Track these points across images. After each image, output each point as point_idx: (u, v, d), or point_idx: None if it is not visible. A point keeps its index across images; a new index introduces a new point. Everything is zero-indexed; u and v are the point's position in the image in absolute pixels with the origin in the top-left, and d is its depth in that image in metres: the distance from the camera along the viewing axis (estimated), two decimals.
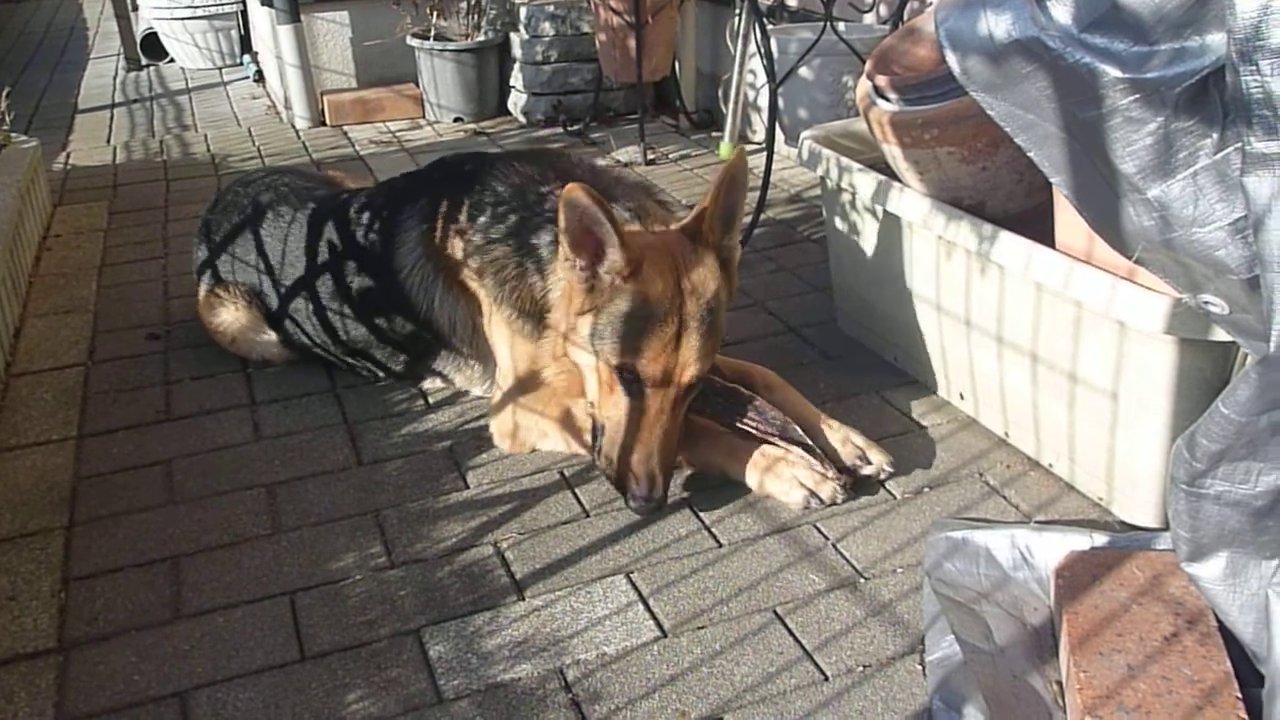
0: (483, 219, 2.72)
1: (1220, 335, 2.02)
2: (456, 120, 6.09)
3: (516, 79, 6.04)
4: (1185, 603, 1.94)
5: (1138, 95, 1.55)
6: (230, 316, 3.23)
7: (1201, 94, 1.52)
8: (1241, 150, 1.46)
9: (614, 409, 2.44)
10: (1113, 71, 1.56)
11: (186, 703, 2.00)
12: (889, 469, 2.56)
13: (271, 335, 3.21)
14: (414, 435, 2.87)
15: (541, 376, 2.70)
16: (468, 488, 2.64)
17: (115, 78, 8.16)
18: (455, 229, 2.78)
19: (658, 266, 2.36)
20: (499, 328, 2.74)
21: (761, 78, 4.88)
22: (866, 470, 2.55)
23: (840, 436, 2.59)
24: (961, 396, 2.83)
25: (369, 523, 2.51)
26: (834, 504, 2.47)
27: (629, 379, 2.40)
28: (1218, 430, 1.67)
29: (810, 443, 2.53)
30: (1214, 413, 1.66)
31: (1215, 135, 1.54)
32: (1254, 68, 1.38)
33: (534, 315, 2.64)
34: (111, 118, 6.86)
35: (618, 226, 2.31)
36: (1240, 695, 1.74)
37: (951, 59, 1.82)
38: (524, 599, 2.24)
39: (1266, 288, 1.48)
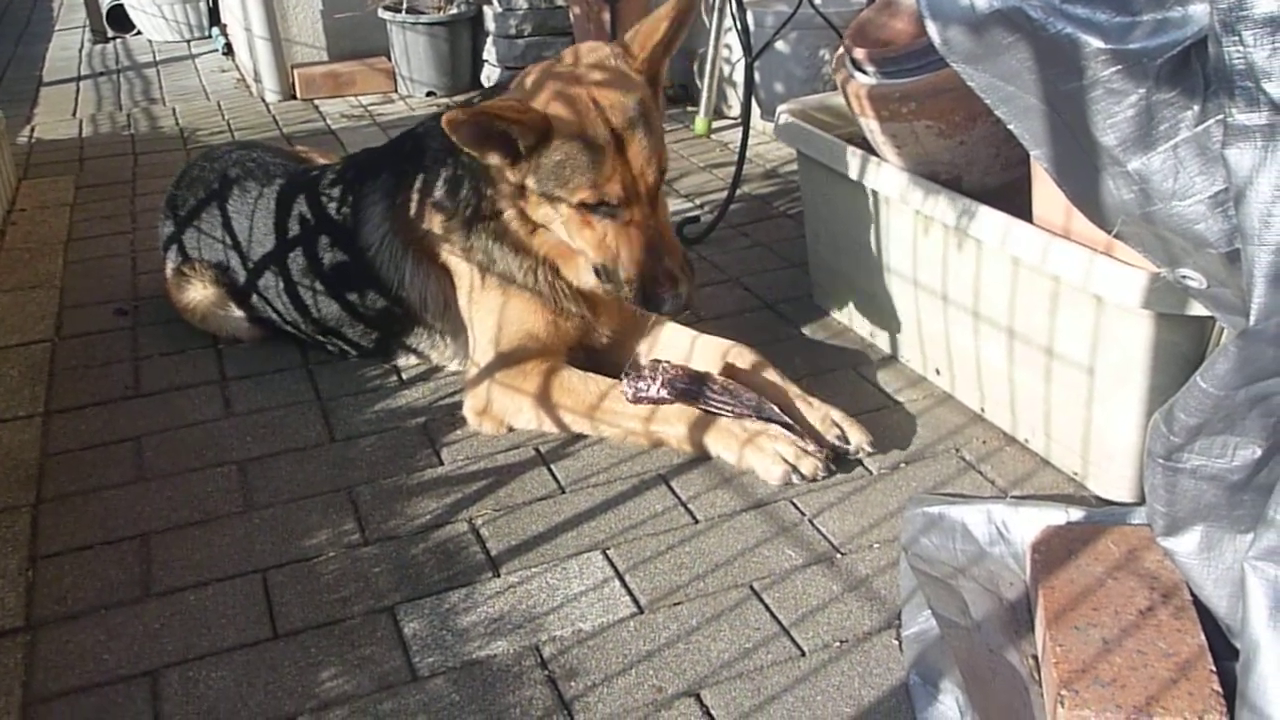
0: (461, 190, 2.68)
1: (1197, 310, 2.02)
2: (429, 94, 6.03)
3: (490, 53, 5.98)
4: (1160, 577, 1.95)
5: (1119, 66, 1.54)
6: (199, 295, 3.18)
7: (1183, 65, 1.51)
8: (1223, 122, 1.45)
9: (608, 239, 2.51)
10: (1094, 42, 1.55)
11: (157, 681, 1.98)
12: (869, 448, 2.55)
13: (241, 312, 3.17)
14: (387, 411, 2.85)
15: (534, 335, 2.71)
16: (442, 464, 2.62)
17: (81, 50, 8.04)
18: (432, 203, 2.75)
19: (565, 103, 2.42)
20: (489, 296, 2.72)
21: (737, 51, 4.86)
22: (847, 448, 2.55)
23: (820, 414, 2.58)
24: (938, 372, 2.83)
25: (342, 500, 2.48)
26: (815, 479, 2.46)
27: (598, 207, 2.46)
28: (1195, 404, 1.67)
29: (788, 420, 2.53)
30: (1192, 387, 1.67)
31: (1196, 107, 1.53)
32: (1237, 38, 1.37)
33: (529, 271, 2.69)
34: (77, 90, 6.75)
35: (505, 113, 2.37)
36: (1214, 668, 1.75)
37: (932, 29, 1.80)
38: (499, 576, 2.23)
39: (1246, 261, 1.48)
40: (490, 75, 5.98)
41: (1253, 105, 1.38)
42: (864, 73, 2.70)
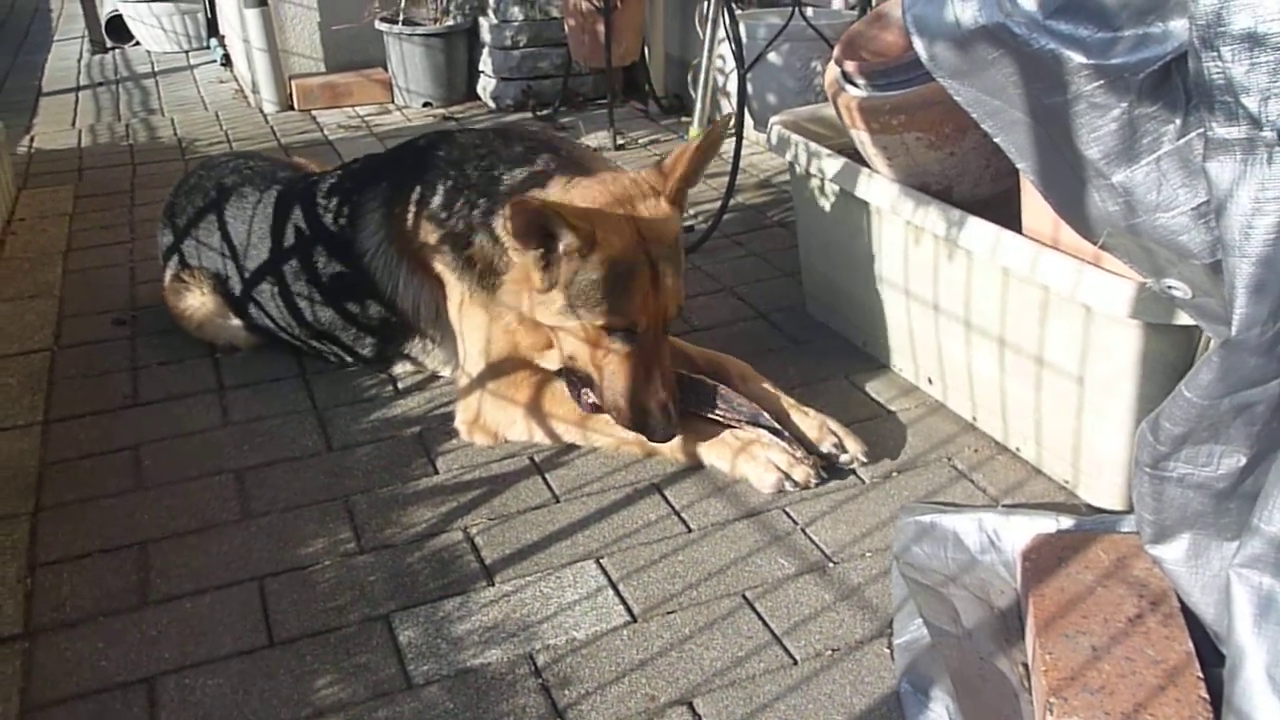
0: (459, 204, 2.70)
1: (1184, 319, 2.04)
2: (426, 105, 6.06)
3: (486, 64, 6.01)
4: (1149, 584, 1.96)
5: (1102, 81, 1.56)
6: (196, 302, 3.20)
7: (1164, 80, 1.53)
8: (1204, 136, 1.47)
9: (610, 361, 2.49)
10: (1077, 57, 1.57)
11: (154, 689, 2.00)
12: (864, 458, 2.57)
13: (238, 321, 3.19)
14: (383, 421, 2.86)
15: (521, 354, 2.71)
16: (437, 473, 2.63)
17: (80, 60, 8.06)
18: (427, 214, 2.76)
19: (613, 228, 2.41)
20: (474, 312, 2.73)
21: (730, 63, 4.88)
22: (843, 458, 2.56)
23: (816, 423, 2.60)
24: (930, 381, 2.85)
25: (338, 508, 2.50)
26: (808, 487, 2.48)
27: (618, 332, 2.45)
28: (1181, 413, 1.69)
29: (780, 428, 2.54)
30: (1177, 396, 1.68)
31: (1178, 121, 1.55)
32: (1215, 54, 1.39)
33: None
34: (76, 101, 6.78)
35: (564, 213, 2.35)
36: (1202, 675, 1.77)
37: (918, 45, 1.82)
38: (494, 584, 2.24)
39: (1228, 272, 1.50)
40: (486, 86, 6.01)
41: (1232, 119, 1.40)
42: (855, 85, 2.72)
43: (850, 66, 2.71)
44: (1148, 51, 1.52)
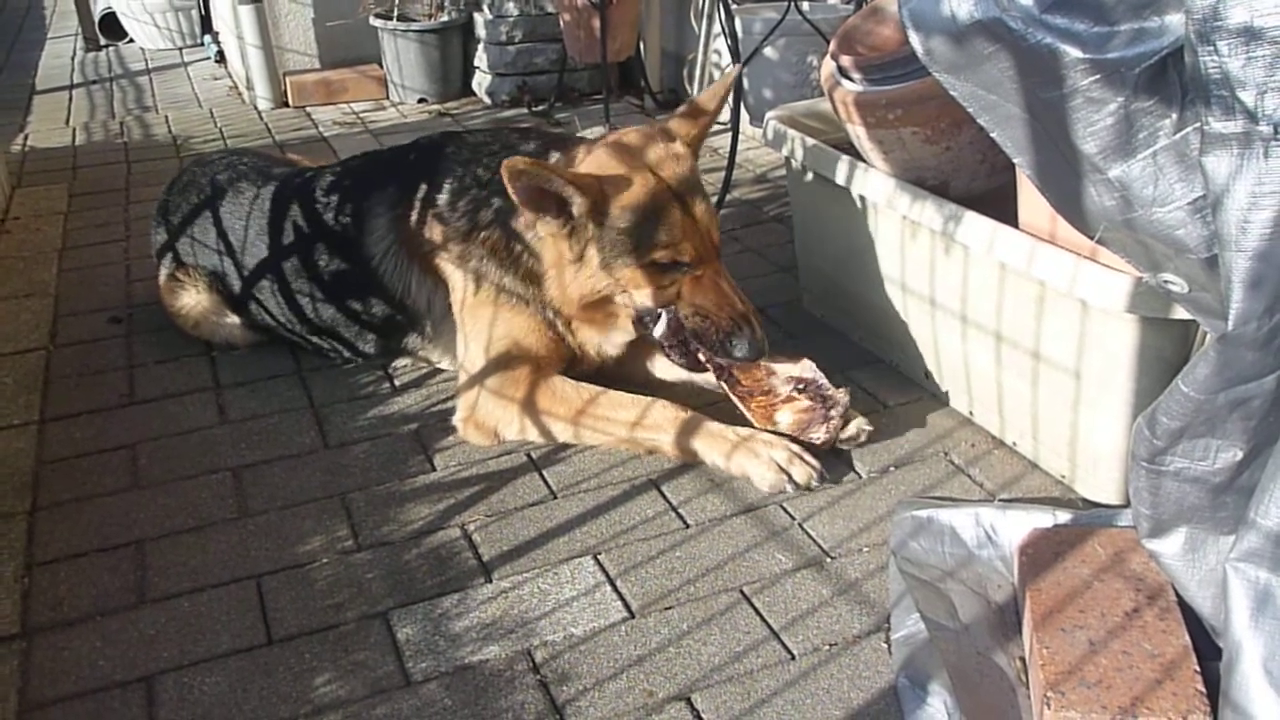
0: (463, 203, 2.71)
1: (1180, 314, 2.04)
2: (420, 101, 6.05)
3: (481, 59, 6.00)
4: (1146, 578, 1.97)
5: (1098, 76, 1.56)
6: (192, 300, 3.19)
7: (1161, 74, 1.53)
8: (1200, 130, 1.47)
9: (681, 290, 2.56)
10: (1074, 52, 1.57)
11: (152, 687, 2.00)
12: (868, 427, 2.61)
13: (234, 318, 3.18)
14: (380, 418, 2.86)
15: (526, 347, 2.71)
16: (434, 470, 2.63)
17: (74, 58, 8.05)
18: (434, 214, 2.77)
19: (622, 172, 2.49)
20: (481, 307, 2.73)
21: (726, 58, 4.88)
22: (848, 431, 2.59)
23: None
24: (926, 375, 2.85)
25: (336, 506, 2.50)
26: (808, 488, 2.48)
27: (668, 265, 2.50)
28: (1177, 408, 1.69)
29: (820, 379, 2.67)
30: (1174, 391, 1.68)
31: (1174, 115, 1.55)
32: (1212, 48, 1.39)
33: (526, 285, 2.70)
34: (70, 99, 6.76)
35: (563, 172, 2.44)
36: (1199, 668, 1.77)
37: (914, 39, 1.82)
38: (492, 581, 2.25)
39: (1224, 266, 1.50)
40: (481, 82, 6.00)
41: (1228, 113, 1.40)
42: (850, 80, 2.72)
43: (846, 61, 2.70)
44: (1144, 46, 1.52)
